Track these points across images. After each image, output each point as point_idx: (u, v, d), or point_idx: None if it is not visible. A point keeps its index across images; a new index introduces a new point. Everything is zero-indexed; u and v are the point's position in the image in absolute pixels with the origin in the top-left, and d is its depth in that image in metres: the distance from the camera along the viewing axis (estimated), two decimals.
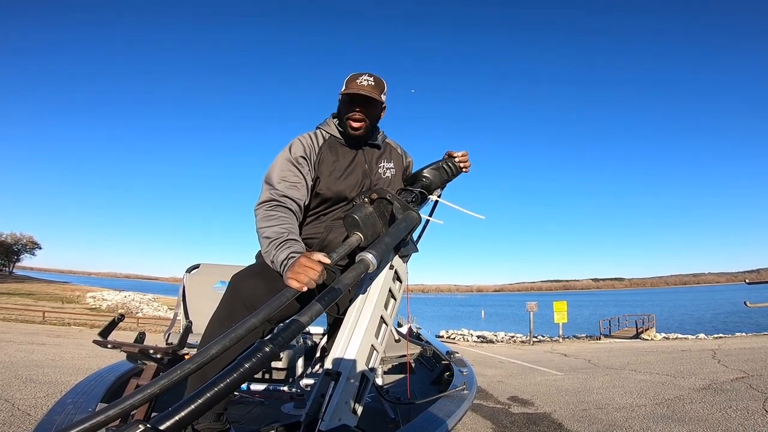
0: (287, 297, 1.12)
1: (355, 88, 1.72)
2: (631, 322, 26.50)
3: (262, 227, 1.56)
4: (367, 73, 1.76)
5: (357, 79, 1.74)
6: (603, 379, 6.46)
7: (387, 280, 1.48)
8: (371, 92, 1.72)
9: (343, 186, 1.78)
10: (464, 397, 2.28)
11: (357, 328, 1.40)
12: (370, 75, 1.76)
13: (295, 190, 1.68)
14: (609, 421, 3.89)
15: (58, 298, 38.70)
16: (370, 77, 1.75)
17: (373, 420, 2.57)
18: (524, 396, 5.36)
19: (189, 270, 3.45)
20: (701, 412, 4.06)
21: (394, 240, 1.36)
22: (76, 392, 1.97)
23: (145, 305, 38.42)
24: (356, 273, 1.19)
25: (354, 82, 1.74)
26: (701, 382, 5.58)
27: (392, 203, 1.49)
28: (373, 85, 1.74)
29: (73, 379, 5.22)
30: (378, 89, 1.75)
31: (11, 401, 3.97)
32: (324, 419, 1.22)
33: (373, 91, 1.73)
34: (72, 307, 30.51)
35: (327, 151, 1.80)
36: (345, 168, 1.81)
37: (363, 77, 1.74)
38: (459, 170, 1.85)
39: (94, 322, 18.80)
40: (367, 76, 1.75)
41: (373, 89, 1.73)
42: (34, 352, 7.92)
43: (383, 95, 1.79)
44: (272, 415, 2.57)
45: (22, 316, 19.24)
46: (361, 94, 1.71)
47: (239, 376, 0.88)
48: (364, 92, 1.71)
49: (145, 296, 46.92)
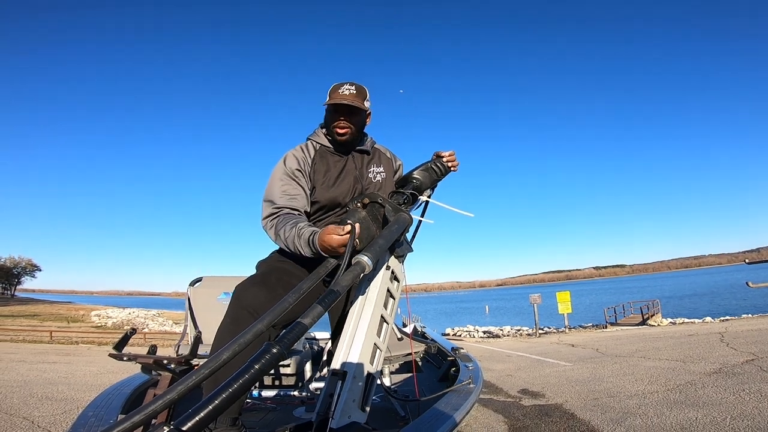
0: (289, 302, 1.19)
1: (337, 98, 1.82)
2: (636, 309, 26.56)
3: (278, 232, 1.68)
4: (349, 83, 1.86)
5: (339, 89, 1.85)
6: (612, 367, 6.48)
7: (384, 281, 1.55)
8: (353, 101, 1.82)
9: (336, 192, 1.87)
10: (470, 391, 2.35)
11: (359, 328, 1.47)
12: (352, 84, 1.86)
13: (296, 202, 1.79)
14: (622, 408, 3.91)
15: (63, 317, 38.64)
16: (351, 86, 1.85)
17: (382, 419, 2.64)
18: (534, 388, 5.38)
19: (192, 283, 3.50)
20: (714, 396, 4.06)
21: (387, 241, 1.43)
22: (96, 405, 2.05)
23: (150, 321, 38.39)
24: (353, 275, 1.25)
25: (336, 92, 1.84)
26: (712, 366, 5.59)
27: (384, 206, 1.57)
28: (355, 93, 1.84)
29: (87, 395, 5.26)
30: (360, 97, 1.85)
31: (30, 419, 4.03)
32: (334, 417, 1.27)
33: (356, 100, 1.83)
34: (78, 326, 30.48)
35: (319, 160, 1.90)
36: (337, 175, 1.90)
37: (345, 86, 1.85)
38: (447, 170, 1.93)
39: (101, 340, 18.84)
40: (348, 85, 1.85)
41: (355, 98, 1.83)
42: (46, 370, 7.97)
43: (366, 102, 1.89)
44: (285, 420, 2.63)
45: (30, 336, 19.29)
46: (344, 104, 1.81)
47: (251, 376, 0.94)
48: (346, 101, 1.81)
49: (149, 312, 46.90)
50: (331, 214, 1.91)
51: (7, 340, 17.10)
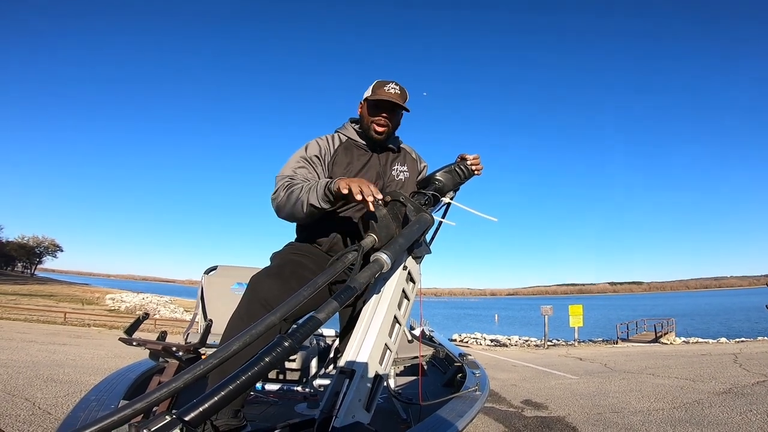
0: (304, 296, 1.15)
1: (383, 95, 1.84)
2: (650, 326, 25.96)
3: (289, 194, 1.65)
4: (394, 82, 1.89)
5: (384, 86, 1.87)
6: (619, 383, 6.35)
7: (400, 281, 1.50)
8: (398, 99, 1.85)
9: None
10: (476, 398, 2.28)
11: (371, 327, 1.42)
12: (396, 84, 1.89)
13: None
14: (625, 424, 3.83)
15: (78, 299, 39.57)
16: (396, 86, 1.88)
17: (384, 421, 2.60)
18: (538, 399, 5.30)
19: (207, 271, 3.52)
20: (720, 415, 3.97)
21: (407, 241, 1.39)
22: (99, 390, 2.01)
23: (162, 307, 39.03)
24: (371, 272, 1.21)
25: (382, 89, 1.86)
26: (722, 386, 5.44)
27: (406, 205, 1.51)
28: (399, 93, 1.87)
29: (92, 378, 5.36)
30: (403, 98, 1.88)
31: (32, 400, 4.08)
32: (338, 416, 1.23)
33: (399, 99, 1.86)
34: (92, 309, 31.14)
35: (342, 153, 1.91)
36: (359, 170, 1.90)
37: (390, 85, 1.86)
38: (471, 173, 1.88)
39: (113, 323, 19.20)
40: (393, 84, 1.88)
41: (399, 97, 1.86)
42: (56, 352, 8.14)
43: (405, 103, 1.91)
44: (286, 415, 2.61)
45: (44, 316, 19.71)
46: (389, 101, 1.84)
47: (260, 369, 0.90)
48: (392, 99, 1.83)
49: (162, 298, 47.65)
50: (349, 208, 1.88)
51: (22, 320, 17.45)
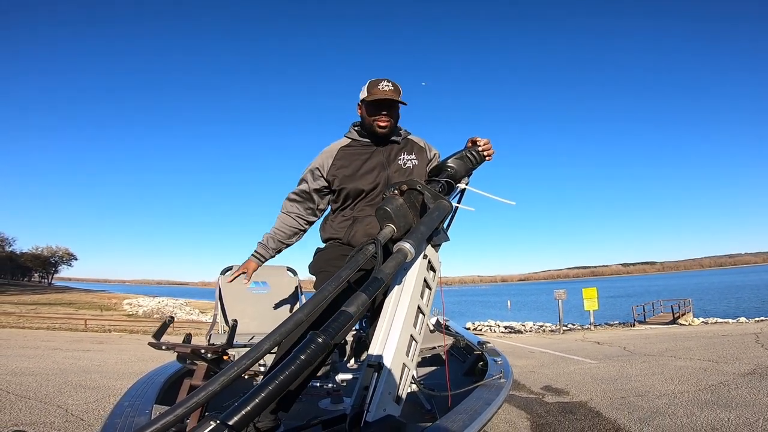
0: (329, 290, 1.16)
1: (380, 94, 1.92)
2: (667, 308, 25.75)
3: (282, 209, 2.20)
4: (385, 79, 1.96)
5: (378, 85, 1.95)
6: (641, 366, 6.29)
7: (422, 270, 1.49)
8: (395, 96, 1.93)
9: (360, 181, 1.98)
10: (501, 386, 2.29)
11: (395, 318, 1.42)
12: (388, 80, 1.96)
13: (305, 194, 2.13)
14: (650, 408, 3.80)
15: (96, 306, 40.30)
16: (389, 83, 1.95)
17: (408, 412, 2.56)
18: (558, 385, 5.28)
19: (223, 272, 3.54)
20: (748, 397, 3.92)
21: (428, 229, 1.39)
22: (131, 395, 2.04)
23: (178, 309, 39.69)
24: (396, 262, 1.21)
25: (377, 88, 1.94)
26: (746, 366, 5.37)
27: (423, 193, 1.52)
28: (394, 89, 1.94)
29: (119, 383, 5.44)
30: (398, 93, 1.96)
31: (64, 407, 4.14)
32: (369, 410, 1.24)
33: (396, 95, 1.94)
34: (110, 315, 31.70)
35: (342, 156, 2.04)
36: (361, 165, 2.00)
37: (384, 83, 1.95)
38: (483, 158, 1.87)
39: (132, 328, 19.53)
40: (386, 81, 1.96)
41: (394, 93, 1.93)
42: (81, 358, 8.28)
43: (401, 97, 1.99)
44: (311, 411, 2.60)
45: (66, 324, 20.10)
46: (387, 99, 1.92)
47: (297, 368, 0.90)
48: (390, 97, 1.91)
49: (177, 301, 48.45)
50: (360, 201, 2.00)
51: (44, 328, 17.76)
